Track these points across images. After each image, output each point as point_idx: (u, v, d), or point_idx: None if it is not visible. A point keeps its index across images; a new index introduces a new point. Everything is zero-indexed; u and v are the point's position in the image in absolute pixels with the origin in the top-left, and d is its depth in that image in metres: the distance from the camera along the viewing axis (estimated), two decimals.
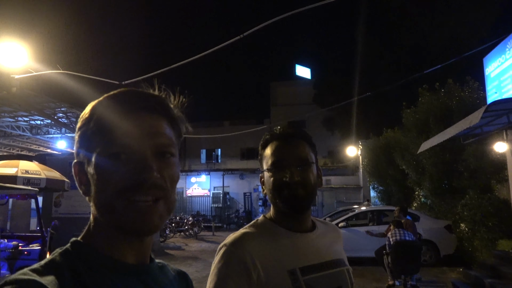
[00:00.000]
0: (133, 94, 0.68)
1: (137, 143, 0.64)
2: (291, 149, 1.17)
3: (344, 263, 1.21)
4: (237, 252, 1.06)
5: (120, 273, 0.65)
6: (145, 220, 0.62)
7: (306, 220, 1.20)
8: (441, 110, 10.88)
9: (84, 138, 0.67)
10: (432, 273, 8.44)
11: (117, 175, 0.62)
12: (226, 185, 26.97)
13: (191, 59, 8.52)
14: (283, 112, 28.81)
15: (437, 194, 11.30)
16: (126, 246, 0.67)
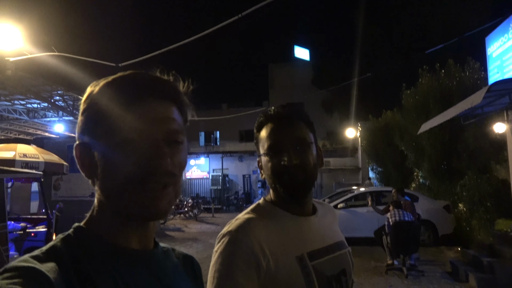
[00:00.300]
0: (144, 78, 0.66)
1: (150, 129, 0.62)
2: (288, 130, 1.11)
3: (345, 245, 1.19)
4: (244, 239, 1.00)
5: (123, 259, 0.63)
6: (154, 206, 0.62)
7: (308, 203, 1.16)
8: (441, 91, 10.81)
9: (91, 121, 0.64)
10: (431, 252, 8.54)
11: (129, 161, 0.60)
12: (225, 168, 27.05)
13: (188, 40, 8.40)
14: (281, 94, 28.65)
15: (436, 175, 11.34)
16: (130, 231, 0.66)
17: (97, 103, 0.63)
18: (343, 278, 1.09)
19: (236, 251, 0.99)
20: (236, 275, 0.97)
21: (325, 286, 1.03)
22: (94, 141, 0.63)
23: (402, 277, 6.62)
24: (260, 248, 0.99)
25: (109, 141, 0.61)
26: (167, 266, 0.71)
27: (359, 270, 7.21)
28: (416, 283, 6.28)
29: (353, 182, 21.44)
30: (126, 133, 0.61)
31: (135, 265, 0.64)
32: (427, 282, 6.29)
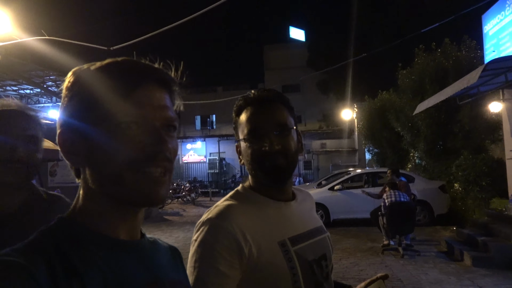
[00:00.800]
0: (141, 65, 0.67)
1: (151, 115, 0.63)
2: (268, 114, 1.07)
3: (324, 230, 1.18)
4: (225, 226, 0.97)
5: (111, 250, 0.62)
6: (155, 192, 0.62)
7: (288, 188, 1.14)
8: (437, 71, 10.74)
9: (84, 106, 0.62)
10: (426, 232, 8.63)
11: (130, 147, 0.60)
12: (222, 151, 27.08)
13: (181, 21, 8.24)
14: (277, 76, 28.46)
15: (431, 155, 11.38)
16: (119, 222, 0.65)
17: (91, 88, 0.62)
18: (323, 262, 1.09)
19: (217, 239, 0.96)
20: (218, 264, 0.94)
21: (307, 271, 1.02)
22: (88, 126, 0.61)
23: (398, 257, 6.70)
24: (242, 234, 0.97)
25: (108, 126, 0.60)
26: (155, 256, 0.71)
27: (355, 251, 7.29)
28: (411, 262, 6.36)
29: (349, 164, 21.52)
30: (127, 118, 0.60)
31: (123, 256, 0.63)
32: (422, 262, 6.36)
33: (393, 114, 12.89)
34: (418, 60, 11.63)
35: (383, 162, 15.53)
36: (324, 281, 1.07)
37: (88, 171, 0.62)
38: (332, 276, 1.17)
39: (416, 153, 12.80)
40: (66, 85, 0.65)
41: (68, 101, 0.63)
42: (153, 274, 0.67)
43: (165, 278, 0.69)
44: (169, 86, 0.68)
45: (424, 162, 12.30)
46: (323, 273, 1.07)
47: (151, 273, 0.66)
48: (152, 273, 0.67)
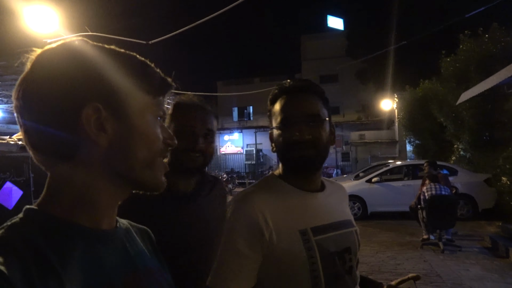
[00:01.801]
0: (163, 77, 0.72)
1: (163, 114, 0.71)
2: (302, 105, 1.08)
3: (352, 224, 1.17)
4: (247, 209, 1.03)
5: (89, 242, 0.61)
6: (164, 179, 0.70)
7: (316, 179, 1.15)
8: (483, 58, 10.13)
9: (125, 88, 0.65)
10: (469, 227, 8.27)
11: (161, 136, 0.68)
12: (259, 142, 27.20)
13: (217, 13, 8.29)
14: (314, 66, 28.07)
15: (477, 147, 10.82)
16: (105, 210, 0.65)
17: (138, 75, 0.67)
18: (347, 255, 1.08)
19: (239, 221, 1.02)
20: (238, 245, 1.00)
21: (328, 262, 1.03)
22: (133, 110, 0.66)
23: (438, 252, 6.49)
24: (263, 219, 1.00)
25: (151, 115, 0.68)
26: (131, 244, 0.71)
27: (392, 244, 7.13)
28: (452, 258, 6.13)
29: (389, 156, 20.94)
30: (161, 113, 0.70)
31: (101, 247, 0.62)
32: (464, 257, 6.12)
33: (436, 104, 12.36)
34: (463, 46, 11.03)
35: (425, 154, 14.97)
36: (346, 274, 1.07)
37: (114, 153, 0.62)
38: (358, 272, 1.17)
39: (460, 145, 12.22)
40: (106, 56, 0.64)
41: (97, 75, 0.61)
42: (131, 263, 0.67)
43: (142, 267, 0.69)
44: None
45: (468, 154, 11.73)
46: (345, 266, 1.07)
47: (129, 263, 0.66)
48: (130, 263, 0.66)
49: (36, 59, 0.61)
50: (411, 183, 9.67)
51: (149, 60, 0.70)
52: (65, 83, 0.59)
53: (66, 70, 0.60)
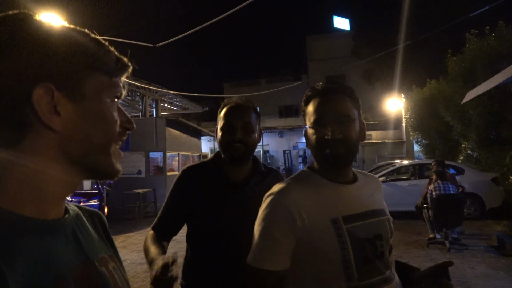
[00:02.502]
0: (120, 57, 0.70)
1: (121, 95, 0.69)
2: (333, 105, 1.18)
3: (385, 213, 1.25)
4: (282, 200, 1.13)
5: (36, 234, 0.56)
6: (119, 166, 0.67)
7: (348, 172, 1.24)
8: (490, 56, 10.11)
9: (80, 71, 0.62)
10: (476, 226, 8.25)
11: (116, 120, 0.66)
12: (265, 144, 27.21)
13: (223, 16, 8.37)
14: (320, 66, 28.01)
15: (484, 146, 10.77)
16: (55, 198, 0.61)
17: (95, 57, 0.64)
18: (378, 241, 1.16)
19: (275, 210, 1.13)
20: (273, 230, 1.11)
21: (358, 247, 1.11)
22: (85, 92, 0.62)
23: (444, 251, 6.49)
24: (297, 209, 1.11)
25: (107, 98, 0.65)
26: (81, 232, 0.67)
27: (399, 244, 7.14)
28: (458, 256, 6.13)
29: (396, 156, 20.86)
30: (118, 94, 0.67)
31: (50, 239, 0.58)
32: (470, 256, 6.12)
33: (443, 104, 12.33)
34: (469, 45, 11.01)
35: (433, 153, 14.91)
36: (376, 258, 1.14)
37: (67, 138, 0.58)
38: (392, 257, 1.25)
39: (468, 144, 12.17)
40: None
41: (51, 53, 0.57)
42: (81, 253, 0.63)
43: (93, 256, 0.66)
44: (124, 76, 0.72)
45: (476, 153, 11.68)
46: (376, 252, 1.14)
47: (79, 253, 0.63)
48: (80, 252, 0.63)
49: None
50: (418, 182, 9.66)
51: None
52: (13, 61, 0.54)
53: (11, 48, 0.54)
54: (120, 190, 10.80)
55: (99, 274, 0.65)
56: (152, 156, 13.17)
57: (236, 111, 1.62)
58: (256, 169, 1.70)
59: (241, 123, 1.59)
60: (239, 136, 1.57)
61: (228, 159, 1.61)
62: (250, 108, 1.65)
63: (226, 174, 1.62)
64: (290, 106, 29.47)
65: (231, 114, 1.61)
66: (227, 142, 1.57)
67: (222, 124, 1.61)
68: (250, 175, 1.66)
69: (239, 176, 1.63)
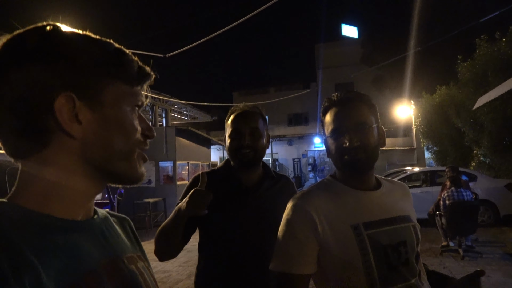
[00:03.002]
0: (143, 67, 0.72)
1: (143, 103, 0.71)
2: (349, 114, 1.19)
3: (410, 219, 1.23)
4: (303, 205, 1.16)
5: (65, 232, 0.58)
6: (142, 170, 0.70)
7: (369, 179, 1.25)
8: (501, 61, 10.02)
9: (100, 79, 0.63)
10: (490, 233, 8.09)
11: (138, 127, 0.68)
12: (275, 152, 27.19)
13: (232, 25, 8.45)
14: (329, 74, 28.04)
15: (497, 151, 10.64)
16: (82, 201, 0.64)
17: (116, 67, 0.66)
18: (402, 248, 1.14)
19: (296, 213, 1.16)
20: (296, 233, 1.13)
21: (380, 254, 1.11)
22: (106, 100, 0.64)
23: (458, 259, 6.37)
24: (317, 214, 1.13)
25: (128, 106, 0.66)
26: (110, 233, 0.70)
27: None
28: (473, 264, 6.02)
29: (407, 163, 20.66)
30: (141, 102, 0.69)
31: (78, 237, 0.60)
32: (485, 264, 6.00)
33: (454, 110, 12.23)
34: (479, 51, 10.94)
35: (444, 160, 14.75)
36: (401, 265, 1.13)
37: (90, 144, 0.60)
38: (420, 264, 1.24)
39: (480, 150, 12.01)
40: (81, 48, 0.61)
41: (73, 63, 0.59)
42: (109, 251, 0.65)
43: (121, 254, 0.68)
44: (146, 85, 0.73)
45: (488, 160, 11.53)
46: (400, 258, 1.13)
47: (107, 251, 0.65)
48: (108, 251, 0.65)
49: (2, 46, 0.58)
50: (430, 189, 9.54)
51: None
52: (34, 71, 0.56)
53: (35, 58, 0.57)
54: (130, 200, 10.87)
55: (128, 271, 0.67)
56: (162, 166, 13.23)
57: (243, 117, 1.63)
58: (267, 174, 1.71)
59: (248, 129, 1.59)
60: (247, 142, 1.57)
61: (238, 165, 1.62)
62: (257, 114, 1.66)
63: (238, 179, 1.63)
64: (299, 114, 29.47)
65: (238, 120, 1.62)
66: (236, 148, 1.58)
67: (230, 131, 1.62)
68: (262, 180, 1.67)
69: (250, 181, 1.64)
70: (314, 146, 29.13)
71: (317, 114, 15.11)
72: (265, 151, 1.68)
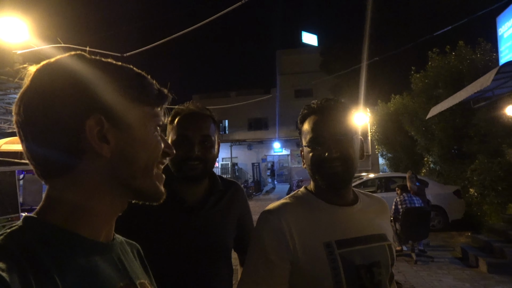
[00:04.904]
0: (161, 90, 0.75)
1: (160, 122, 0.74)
2: (329, 123, 1.12)
3: (386, 238, 1.16)
4: (274, 220, 1.08)
5: (88, 253, 0.61)
6: (162, 188, 0.70)
7: (347, 193, 1.18)
8: (451, 74, 10.59)
9: (128, 97, 0.67)
10: (441, 238, 8.48)
11: (160, 144, 0.71)
12: (234, 156, 27.15)
13: (193, 27, 8.33)
14: (290, 80, 28.44)
15: (446, 159, 11.20)
16: (104, 222, 0.66)
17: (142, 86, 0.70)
18: (375, 269, 1.08)
19: (265, 229, 1.08)
20: (266, 251, 1.05)
21: (353, 275, 1.04)
22: (133, 119, 0.67)
23: (411, 263, 6.59)
24: (288, 230, 1.06)
25: (150, 123, 0.69)
26: (125, 257, 0.71)
27: None
28: (425, 268, 6.25)
29: (362, 169, 21.30)
30: (160, 121, 0.73)
31: (99, 259, 0.63)
32: (436, 268, 6.25)
33: (407, 118, 12.75)
34: (432, 63, 11.50)
35: (397, 167, 15.34)
36: (374, 287, 1.07)
37: (115, 162, 0.63)
38: (393, 286, 1.18)
39: (431, 158, 12.61)
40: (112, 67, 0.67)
41: (100, 87, 0.63)
42: (126, 276, 0.67)
43: (136, 280, 0.69)
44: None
45: (438, 167, 12.11)
46: (373, 280, 1.07)
47: (125, 275, 0.67)
48: (125, 275, 0.67)
49: (34, 74, 0.63)
50: (385, 195, 9.84)
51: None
52: (66, 97, 0.60)
53: (67, 85, 0.61)
54: None
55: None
56: None
57: (193, 121, 1.38)
58: (214, 187, 1.47)
59: (199, 136, 1.36)
60: (197, 152, 1.34)
61: (182, 179, 1.37)
62: (208, 117, 1.42)
63: (179, 194, 1.37)
64: (260, 119, 29.61)
65: (186, 125, 1.37)
66: (182, 159, 1.33)
67: (175, 138, 1.37)
68: (207, 194, 1.44)
69: (194, 196, 1.41)
70: (273, 151, 29.38)
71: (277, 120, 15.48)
72: (215, 161, 1.48)
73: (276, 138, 27.83)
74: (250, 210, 1.65)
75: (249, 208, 1.65)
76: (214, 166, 1.46)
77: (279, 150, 29.14)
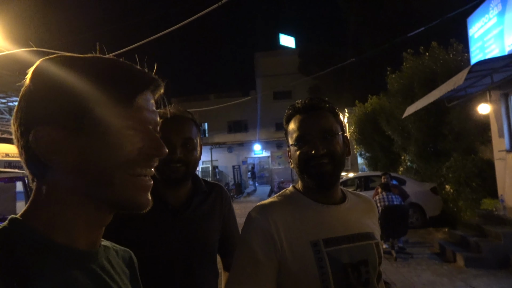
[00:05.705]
0: (137, 71, 0.67)
1: (147, 118, 0.64)
2: (315, 121, 1.14)
3: (373, 237, 1.18)
4: (261, 219, 1.08)
5: (67, 261, 0.57)
6: (145, 196, 0.62)
7: (335, 192, 1.19)
8: (425, 74, 10.84)
9: (71, 103, 0.58)
10: (419, 234, 8.66)
11: (125, 148, 0.61)
12: (215, 159, 27.03)
13: (171, 29, 8.28)
14: (268, 82, 28.54)
15: (422, 157, 11.44)
16: (84, 229, 0.61)
17: (87, 85, 0.62)
18: (362, 268, 1.09)
19: (253, 228, 1.09)
20: (253, 251, 1.05)
21: (340, 273, 1.05)
22: (81, 126, 0.58)
23: (391, 260, 6.70)
24: (276, 229, 1.06)
25: (106, 128, 0.59)
26: (112, 266, 0.67)
27: None
28: (405, 265, 6.36)
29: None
30: (127, 122, 0.60)
31: (79, 267, 0.59)
32: (415, 264, 6.37)
33: (384, 118, 12.98)
34: (406, 64, 11.75)
35: (375, 166, 15.59)
36: (361, 285, 1.08)
37: (70, 172, 0.57)
38: (381, 285, 1.21)
39: (408, 156, 12.87)
40: (46, 74, 0.59)
41: (50, 95, 0.57)
42: (109, 285, 0.63)
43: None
44: (158, 92, 0.67)
45: (415, 165, 12.37)
46: (361, 278, 1.08)
47: (107, 285, 0.63)
48: (108, 285, 0.63)
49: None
50: (364, 194, 9.97)
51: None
52: (22, 103, 0.59)
53: (34, 89, 0.58)
54: None
55: None
56: None
57: (174, 124, 1.38)
58: (198, 189, 1.49)
59: (180, 139, 1.37)
60: (179, 155, 1.36)
61: (165, 182, 1.39)
62: (190, 120, 1.44)
63: (163, 197, 1.39)
64: (239, 122, 29.60)
65: (168, 128, 1.35)
66: (164, 162, 1.32)
67: None
68: (191, 196, 1.46)
69: (178, 198, 1.43)
70: (254, 153, 29.39)
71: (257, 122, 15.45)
72: (198, 163, 1.48)
73: (256, 140, 27.87)
74: (234, 211, 1.66)
75: (233, 209, 1.66)
76: (196, 168, 1.47)
77: (259, 152, 29.19)
